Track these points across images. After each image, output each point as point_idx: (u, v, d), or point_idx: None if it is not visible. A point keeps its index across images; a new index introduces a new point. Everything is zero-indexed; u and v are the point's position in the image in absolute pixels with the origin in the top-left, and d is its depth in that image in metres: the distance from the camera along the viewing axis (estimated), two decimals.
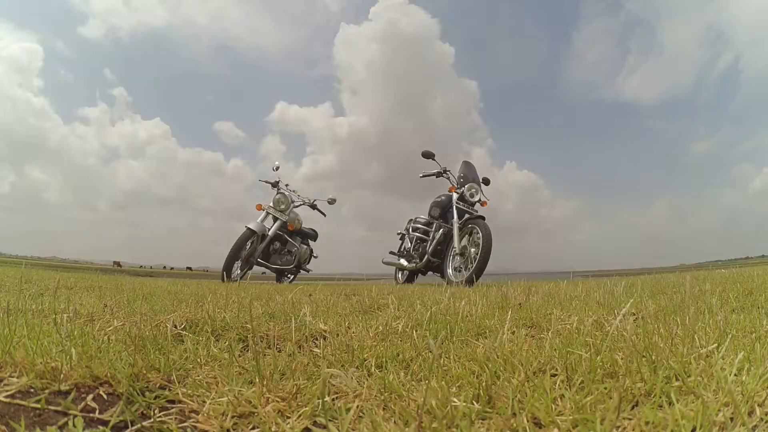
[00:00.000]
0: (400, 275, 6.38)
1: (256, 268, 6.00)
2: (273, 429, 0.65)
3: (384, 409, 0.70)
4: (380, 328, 1.34)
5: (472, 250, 4.77)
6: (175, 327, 1.28)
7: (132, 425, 0.65)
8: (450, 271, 5.07)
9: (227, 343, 1.13)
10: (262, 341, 1.18)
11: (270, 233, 5.96)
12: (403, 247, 6.28)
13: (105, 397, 0.74)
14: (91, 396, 0.73)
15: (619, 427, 0.61)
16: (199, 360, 0.96)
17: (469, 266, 4.71)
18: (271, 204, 6.11)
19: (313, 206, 6.64)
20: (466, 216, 5.03)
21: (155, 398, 0.74)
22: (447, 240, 5.34)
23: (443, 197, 5.70)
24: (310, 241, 6.79)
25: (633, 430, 0.61)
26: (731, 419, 0.61)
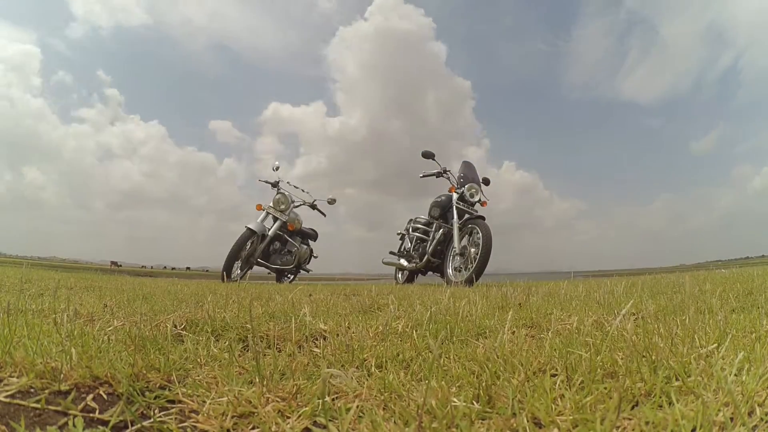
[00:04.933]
0: (400, 275, 6.38)
1: (256, 268, 6.00)
2: (273, 429, 0.65)
3: (384, 409, 0.70)
4: (380, 328, 1.34)
5: (472, 250, 4.77)
6: (175, 327, 1.28)
7: (132, 425, 0.65)
8: (450, 271, 5.07)
9: (227, 343, 1.13)
10: (262, 341, 1.18)
11: (270, 233, 5.96)
12: (403, 247, 6.28)
13: (105, 397, 0.74)
14: (91, 396, 0.73)
15: (619, 427, 0.61)
16: (199, 360, 0.96)
17: (469, 266, 4.71)
18: (271, 204, 6.11)
19: (313, 206, 6.64)
20: (466, 216, 5.03)
21: (155, 398, 0.74)
22: (447, 240, 5.34)
23: (443, 197, 5.70)
24: (310, 241, 6.80)
25: (633, 430, 0.61)
26: (731, 419, 0.61)
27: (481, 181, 5.67)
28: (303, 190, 6.53)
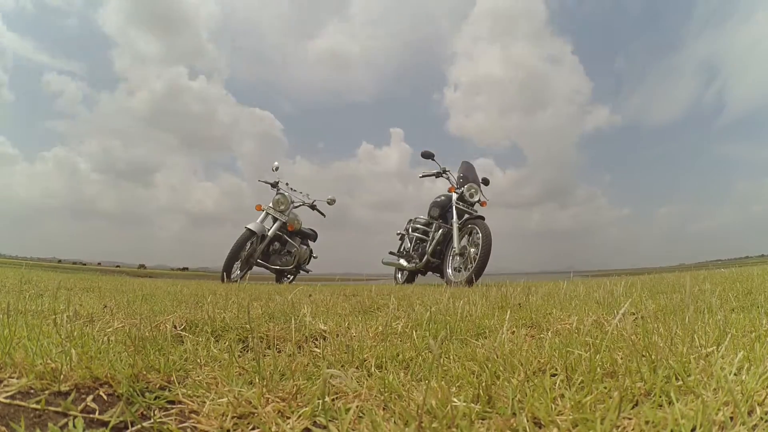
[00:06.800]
0: (399, 275, 6.38)
1: (255, 268, 6.00)
2: (273, 429, 0.65)
3: (384, 409, 0.70)
4: (380, 328, 1.34)
5: (472, 250, 4.77)
6: (175, 328, 1.28)
7: (132, 426, 0.65)
8: (450, 271, 5.07)
9: (227, 343, 1.13)
10: (261, 342, 1.18)
11: (269, 234, 5.96)
12: (402, 247, 6.28)
13: (105, 397, 0.74)
14: (91, 397, 0.73)
15: (619, 426, 0.61)
16: (198, 361, 0.96)
17: (469, 266, 4.71)
18: (271, 204, 6.11)
19: (313, 207, 6.64)
20: (466, 216, 5.03)
21: (155, 399, 0.74)
22: (446, 240, 5.34)
23: (443, 197, 5.70)
24: (309, 241, 6.80)
25: (633, 429, 0.61)
26: (731, 418, 0.61)
27: (480, 181, 5.67)
28: (300, 192, 6.53)
